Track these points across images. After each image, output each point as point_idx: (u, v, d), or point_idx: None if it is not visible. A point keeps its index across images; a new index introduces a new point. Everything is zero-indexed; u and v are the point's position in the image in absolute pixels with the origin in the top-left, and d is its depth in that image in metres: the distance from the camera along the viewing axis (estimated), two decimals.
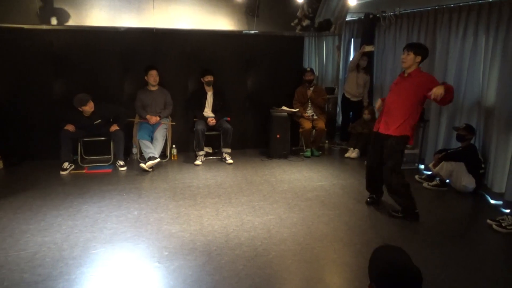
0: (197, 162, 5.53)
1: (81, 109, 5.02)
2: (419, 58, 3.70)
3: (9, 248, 3.19)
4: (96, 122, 5.18)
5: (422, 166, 5.51)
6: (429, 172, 5.07)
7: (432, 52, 5.26)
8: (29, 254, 3.10)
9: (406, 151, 5.48)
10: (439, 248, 3.37)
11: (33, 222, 3.66)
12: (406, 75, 3.76)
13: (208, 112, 5.74)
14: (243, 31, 6.33)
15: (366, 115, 6.03)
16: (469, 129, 4.51)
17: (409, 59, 3.70)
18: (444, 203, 4.42)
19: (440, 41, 5.10)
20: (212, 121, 5.60)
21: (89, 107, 5.04)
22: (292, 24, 6.59)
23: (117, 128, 5.25)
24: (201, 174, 5.15)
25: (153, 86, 5.54)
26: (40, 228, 3.55)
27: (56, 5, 5.52)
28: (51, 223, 3.64)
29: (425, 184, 4.84)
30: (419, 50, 3.71)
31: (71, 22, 5.59)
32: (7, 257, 3.05)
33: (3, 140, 5.26)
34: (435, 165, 4.76)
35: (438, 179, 4.77)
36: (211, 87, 5.75)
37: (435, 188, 4.74)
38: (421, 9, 5.43)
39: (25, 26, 5.29)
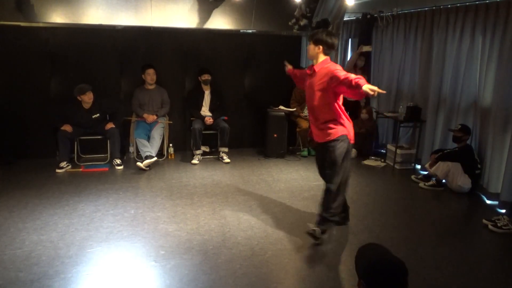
0: (194, 161, 5.53)
1: (80, 99, 5.03)
2: (319, 48, 3.23)
3: (5, 246, 3.18)
4: (95, 116, 5.18)
5: (418, 166, 5.53)
6: (426, 172, 5.09)
7: (429, 53, 5.29)
8: (25, 253, 3.09)
9: (403, 151, 5.54)
10: (435, 248, 3.38)
11: (29, 220, 3.65)
12: (311, 71, 3.32)
13: (205, 111, 5.74)
14: (241, 30, 6.33)
15: (363, 115, 6.05)
16: (465, 130, 4.53)
17: (310, 49, 3.27)
18: (440, 203, 4.44)
19: (437, 42, 5.11)
20: (209, 120, 5.59)
21: (88, 98, 5.05)
22: (290, 23, 6.59)
23: (113, 126, 5.24)
24: (198, 173, 5.15)
25: (150, 84, 5.53)
26: (36, 226, 3.53)
27: (53, 2, 5.49)
28: (47, 222, 3.63)
29: (421, 184, 4.85)
30: (318, 37, 3.22)
31: (67, 20, 5.56)
32: (2, 256, 3.04)
33: None
34: (431, 165, 4.78)
35: (434, 179, 4.78)
36: (208, 86, 5.74)
37: (431, 188, 4.75)
38: (418, 9, 5.45)
39: (22, 24, 5.26)
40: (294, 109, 6.08)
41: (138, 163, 5.12)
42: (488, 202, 4.37)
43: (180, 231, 3.52)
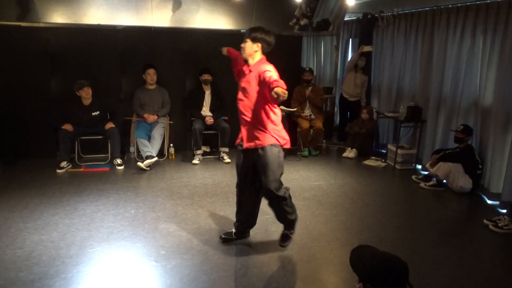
0: (195, 161, 5.52)
1: (79, 94, 5.08)
2: (258, 46, 3.03)
3: (6, 246, 3.18)
4: (94, 113, 5.19)
5: (419, 166, 5.53)
6: (426, 172, 5.08)
7: (429, 53, 5.28)
8: (25, 253, 3.09)
9: (404, 151, 5.53)
10: (435, 247, 3.38)
11: (30, 220, 3.65)
12: (246, 71, 3.08)
13: (205, 111, 5.74)
14: (241, 30, 6.33)
15: (364, 115, 6.05)
16: (467, 131, 4.51)
17: (247, 47, 3.04)
18: (441, 203, 4.43)
19: (438, 42, 5.11)
20: (209, 120, 5.59)
21: (85, 93, 5.09)
22: (290, 23, 6.60)
23: (113, 125, 5.25)
24: (199, 173, 5.15)
25: (151, 84, 5.53)
26: (36, 226, 3.54)
27: (54, 3, 5.50)
28: (48, 222, 3.63)
29: (422, 184, 4.85)
30: (257, 35, 3.01)
31: (68, 20, 5.57)
32: (3, 256, 3.04)
33: (0, 138, 5.23)
34: (432, 165, 4.77)
35: (435, 179, 4.78)
36: (208, 86, 5.74)
37: (432, 188, 4.75)
38: (419, 9, 5.45)
39: (22, 24, 5.27)
40: (295, 109, 6.08)
41: (139, 163, 5.12)
42: (489, 202, 4.37)
43: (180, 231, 3.52)
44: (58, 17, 5.75)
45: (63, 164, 5.04)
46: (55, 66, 5.40)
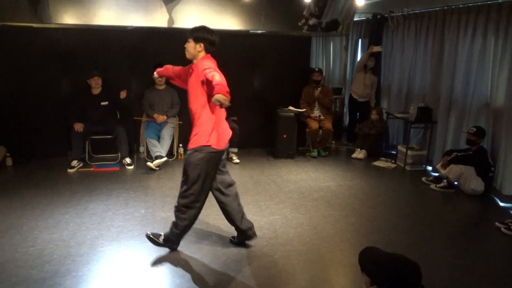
0: None
1: (89, 83, 5.18)
2: (200, 46, 2.97)
3: (18, 244, 3.22)
4: (103, 103, 5.27)
5: (429, 168, 5.47)
6: (437, 174, 5.03)
7: (440, 53, 5.24)
8: (37, 251, 3.13)
9: (414, 152, 5.48)
10: (446, 250, 3.34)
11: (41, 219, 3.69)
12: (191, 70, 3.02)
13: None
14: (250, 31, 6.33)
15: (373, 116, 6.01)
16: (479, 134, 4.44)
17: (190, 47, 2.99)
18: (452, 205, 4.39)
19: (449, 42, 5.06)
20: None
21: (95, 83, 5.18)
22: (299, 24, 6.57)
23: (126, 94, 5.34)
24: None
25: (160, 85, 5.56)
26: (48, 225, 3.58)
27: (65, 4, 5.55)
28: (59, 221, 3.67)
29: (432, 186, 4.80)
30: (199, 35, 2.94)
31: (79, 21, 5.62)
32: (15, 254, 3.08)
33: (12, 138, 5.30)
34: (443, 166, 4.72)
35: (445, 180, 4.73)
36: None
37: (442, 190, 4.70)
38: (429, 9, 5.40)
39: (34, 25, 5.32)
40: (304, 109, 6.06)
41: (148, 163, 5.15)
42: (501, 204, 4.31)
43: (189, 231, 3.53)
44: (69, 18, 5.79)
45: (74, 163, 5.09)
46: (66, 67, 5.46)
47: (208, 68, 2.81)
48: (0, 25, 5.16)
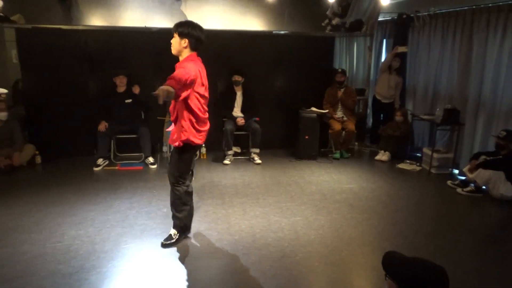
0: (226, 162, 5.58)
1: (114, 81, 5.35)
2: (185, 42, 2.91)
3: (46, 240, 3.32)
4: (127, 101, 5.40)
5: (456, 171, 5.34)
6: (463, 178, 4.90)
7: (468, 54, 5.10)
8: (64, 246, 3.22)
9: (440, 155, 5.35)
10: (473, 256, 3.25)
11: (68, 216, 3.80)
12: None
13: (237, 112, 5.78)
14: (273, 31, 6.34)
15: (398, 117, 5.90)
16: (510, 138, 4.28)
17: (175, 43, 2.97)
18: (479, 210, 4.26)
19: (477, 43, 4.92)
20: (241, 121, 5.63)
21: (119, 81, 5.35)
22: (323, 24, 6.54)
23: (139, 90, 5.47)
24: (229, 173, 5.19)
25: None
26: (74, 221, 3.68)
27: (92, 7, 5.71)
28: (85, 217, 3.77)
29: (458, 190, 4.67)
30: (183, 30, 2.89)
31: (105, 23, 5.77)
32: (44, 249, 3.18)
33: (41, 136, 5.48)
34: (471, 170, 4.59)
35: (473, 185, 4.60)
36: (240, 87, 5.78)
37: (469, 194, 4.57)
38: (457, 9, 5.27)
39: (63, 27, 5.49)
40: (327, 110, 6.02)
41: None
42: None
43: (210, 231, 3.57)
44: (96, 20, 5.96)
45: (100, 161, 5.22)
46: (92, 67, 5.60)
47: (181, 68, 2.81)
48: (31, 27, 5.35)
